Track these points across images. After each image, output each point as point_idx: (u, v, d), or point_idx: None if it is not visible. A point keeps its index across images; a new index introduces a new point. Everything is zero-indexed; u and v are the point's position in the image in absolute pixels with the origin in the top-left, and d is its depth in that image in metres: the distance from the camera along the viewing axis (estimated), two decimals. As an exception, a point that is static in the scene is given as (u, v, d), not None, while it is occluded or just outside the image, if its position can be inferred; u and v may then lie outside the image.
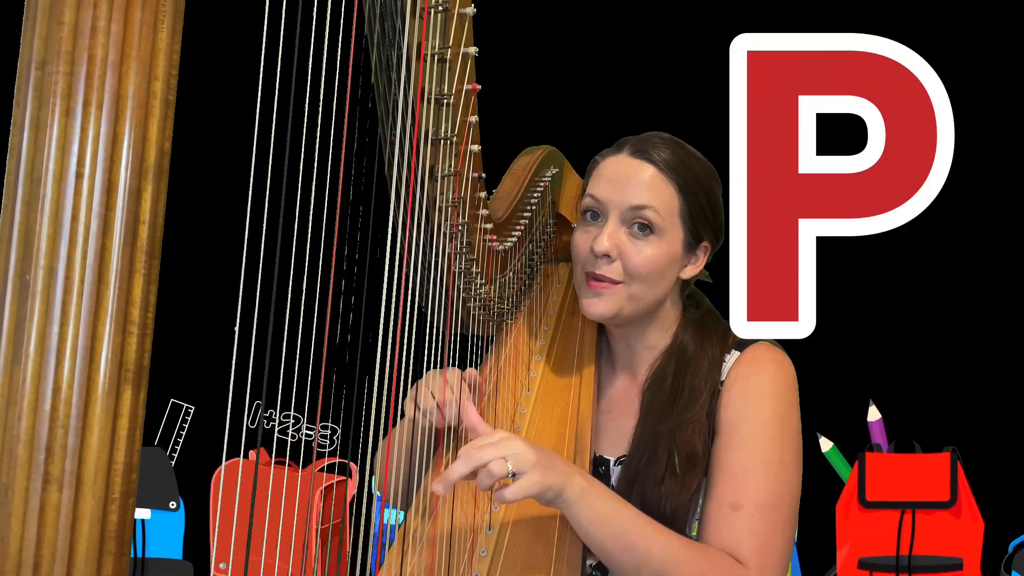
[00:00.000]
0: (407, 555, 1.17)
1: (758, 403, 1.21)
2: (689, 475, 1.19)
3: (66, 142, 0.58)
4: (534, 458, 1.06)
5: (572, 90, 2.78)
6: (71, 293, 0.58)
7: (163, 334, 0.68)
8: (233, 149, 1.28)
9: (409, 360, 1.06)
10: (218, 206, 1.99)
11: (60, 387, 0.58)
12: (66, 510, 0.58)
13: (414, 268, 1.10)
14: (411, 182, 1.05)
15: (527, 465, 1.05)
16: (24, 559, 0.57)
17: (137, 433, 0.61)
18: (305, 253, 0.88)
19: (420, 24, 1.01)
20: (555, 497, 1.07)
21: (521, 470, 1.04)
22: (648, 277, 1.25)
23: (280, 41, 0.78)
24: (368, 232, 0.99)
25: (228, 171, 1.50)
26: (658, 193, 1.25)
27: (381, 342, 1.00)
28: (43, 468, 0.58)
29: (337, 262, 0.94)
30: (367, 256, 0.99)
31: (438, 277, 1.18)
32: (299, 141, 0.82)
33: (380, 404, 0.99)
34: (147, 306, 0.61)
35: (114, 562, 0.60)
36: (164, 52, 0.61)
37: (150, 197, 0.61)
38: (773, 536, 1.16)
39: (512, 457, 1.04)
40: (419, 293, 1.14)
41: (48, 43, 0.58)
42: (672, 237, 1.26)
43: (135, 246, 0.60)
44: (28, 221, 0.58)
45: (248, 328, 0.78)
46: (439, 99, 1.08)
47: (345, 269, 0.97)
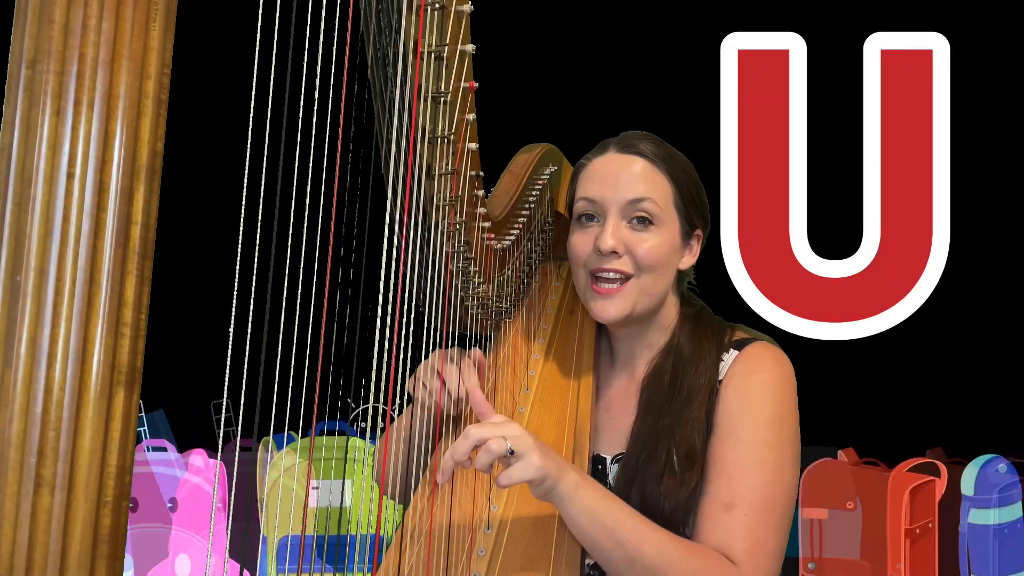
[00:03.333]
0: (405, 554, 1.17)
1: (756, 402, 1.21)
2: (688, 473, 1.19)
3: (57, 142, 0.58)
4: (532, 442, 1.06)
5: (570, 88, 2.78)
6: (62, 294, 0.58)
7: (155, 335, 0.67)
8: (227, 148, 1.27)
9: (407, 359, 1.05)
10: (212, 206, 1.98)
11: (52, 389, 0.57)
12: (58, 514, 0.57)
13: (412, 267, 1.10)
14: (408, 180, 1.04)
15: (526, 448, 1.05)
16: (16, 563, 0.57)
17: (130, 435, 0.61)
18: (301, 252, 0.87)
19: (417, 21, 1.00)
20: (550, 489, 1.08)
21: (520, 452, 1.05)
22: (656, 267, 1.26)
23: (275, 38, 0.77)
24: (365, 231, 0.98)
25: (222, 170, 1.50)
26: (652, 184, 1.26)
27: (379, 341, 1.00)
28: (35, 471, 0.57)
29: (334, 261, 0.93)
30: (364, 255, 0.99)
31: (436, 276, 1.18)
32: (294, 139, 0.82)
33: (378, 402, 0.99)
34: (140, 307, 0.60)
35: (107, 566, 0.59)
36: (156, 51, 0.60)
37: (142, 197, 0.60)
38: (767, 535, 1.15)
39: (512, 439, 1.05)
40: (417, 292, 1.14)
41: (39, 42, 0.58)
42: (671, 226, 1.28)
43: (127, 247, 0.59)
44: (19, 222, 0.57)
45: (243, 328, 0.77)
46: (436, 97, 1.07)
47: (342, 268, 0.96)
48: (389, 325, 1.00)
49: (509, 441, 1.05)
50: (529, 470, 1.05)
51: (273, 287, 0.79)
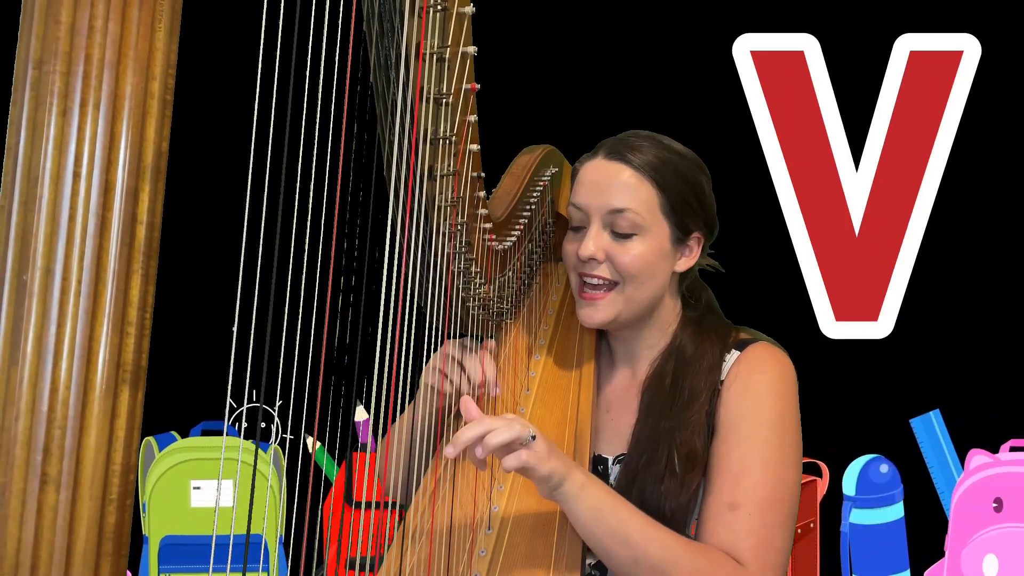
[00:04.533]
0: (406, 554, 1.17)
1: (759, 401, 1.21)
2: (689, 475, 1.19)
3: (63, 142, 0.58)
4: (544, 440, 1.09)
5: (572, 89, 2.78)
6: (68, 293, 0.58)
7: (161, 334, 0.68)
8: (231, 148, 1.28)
9: (409, 360, 1.06)
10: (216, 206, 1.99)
11: (57, 388, 0.58)
12: (63, 511, 0.58)
13: (413, 268, 1.10)
14: (410, 181, 1.05)
15: (539, 442, 1.08)
16: (21, 560, 0.57)
17: (135, 434, 0.61)
18: (304, 253, 0.88)
19: (419, 23, 1.01)
20: (556, 486, 1.09)
21: (535, 445, 1.07)
22: (638, 276, 1.26)
23: (278, 40, 0.77)
24: (367, 232, 0.99)
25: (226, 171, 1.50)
26: (634, 193, 1.25)
27: (380, 342, 1.00)
28: (40, 469, 0.58)
29: (336, 262, 0.93)
30: (366, 256, 0.99)
31: (437, 277, 1.18)
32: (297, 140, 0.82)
33: (380, 403, 0.99)
34: (145, 306, 0.61)
35: (112, 563, 0.60)
36: (162, 52, 0.61)
37: (147, 197, 0.60)
38: (772, 535, 1.16)
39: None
40: (418, 293, 1.14)
41: (45, 43, 0.58)
42: (657, 233, 1.26)
43: (132, 246, 0.60)
44: (25, 221, 0.58)
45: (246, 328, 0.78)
46: (438, 98, 1.08)
47: (344, 269, 0.97)
48: (391, 326, 1.00)
49: (531, 429, 1.07)
50: (540, 462, 1.07)
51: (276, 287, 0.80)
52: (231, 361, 0.79)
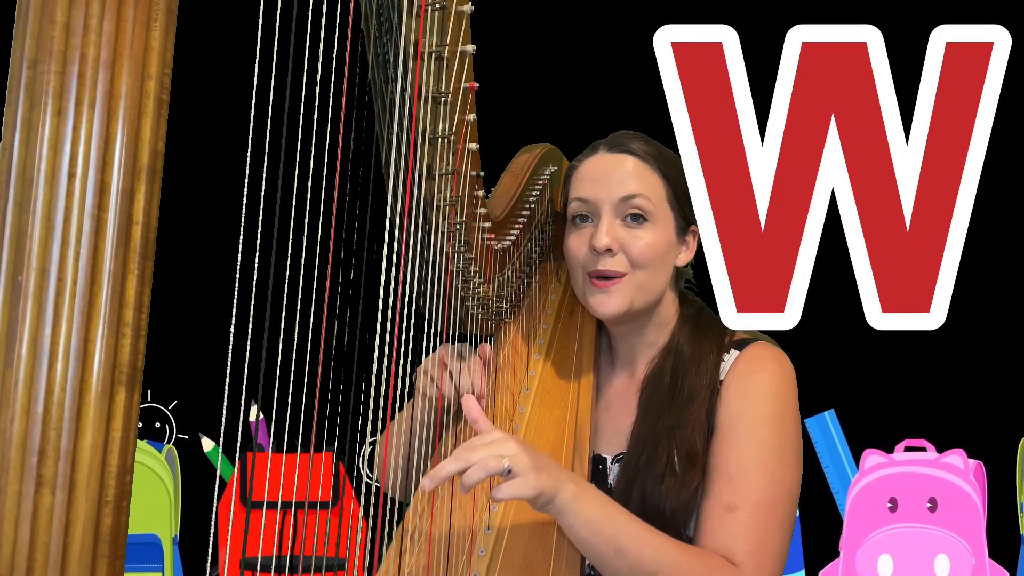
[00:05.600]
0: (405, 555, 1.17)
1: (757, 402, 1.21)
2: (689, 473, 1.19)
3: (58, 142, 0.58)
4: (528, 460, 1.04)
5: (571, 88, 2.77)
6: (63, 294, 0.58)
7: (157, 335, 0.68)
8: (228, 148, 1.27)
9: (407, 360, 1.05)
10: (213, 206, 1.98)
11: (53, 389, 0.57)
12: (59, 513, 0.58)
13: (412, 267, 1.10)
14: (409, 180, 1.04)
15: (523, 468, 1.04)
16: (17, 563, 0.57)
17: (131, 435, 0.61)
18: (301, 252, 0.88)
19: (417, 22, 1.01)
20: (547, 502, 1.07)
21: (517, 471, 1.04)
22: (651, 264, 1.26)
23: (275, 38, 0.77)
24: (365, 231, 0.99)
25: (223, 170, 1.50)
26: (645, 180, 1.26)
27: (379, 342, 1.00)
28: (36, 471, 0.57)
29: (334, 261, 0.93)
30: (364, 255, 0.99)
31: (436, 276, 1.18)
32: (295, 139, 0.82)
33: (378, 403, 0.99)
34: (140, 307, 0.60)
35: (108, 566, 0.59)
36: (157, 51, 0.60)
37: (143, 197, 0.60)
38: (768, 537, 1.15)
39: (509, 458, 1.03)
40: (417, 292, 1.14)
41: (40, 42, 0.58)
42: (665, 222, 1.27)
43: (128, 247, 0.59)
44: (20, 222, 0.57)
45: (244, 328, 0.77)
46: (437, 97, 1.07)
47: (342, 268, 0.96)
48: (389, 325, 1.00)
49: (506, 460, 1.03)
50: (523, 490, 1.04)
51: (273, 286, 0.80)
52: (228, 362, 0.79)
